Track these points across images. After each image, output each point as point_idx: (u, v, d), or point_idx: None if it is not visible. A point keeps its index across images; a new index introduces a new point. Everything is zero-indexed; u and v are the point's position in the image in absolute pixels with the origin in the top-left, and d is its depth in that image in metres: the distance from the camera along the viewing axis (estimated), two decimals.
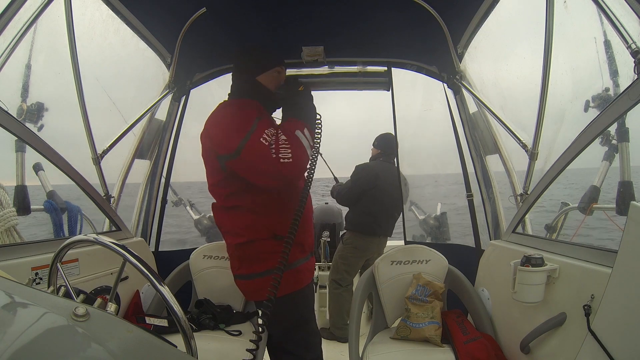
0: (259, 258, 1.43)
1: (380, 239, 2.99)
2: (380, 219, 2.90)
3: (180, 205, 3.12)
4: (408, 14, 1.87)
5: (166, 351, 0.68)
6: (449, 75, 2.25)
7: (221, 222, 1.52)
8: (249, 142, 1.27)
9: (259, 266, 1.43)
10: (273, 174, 1.27)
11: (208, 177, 1.48)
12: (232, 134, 1.31)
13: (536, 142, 1.67)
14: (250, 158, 1.28)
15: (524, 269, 1.38)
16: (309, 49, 2.11)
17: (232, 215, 1.45)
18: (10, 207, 1.74)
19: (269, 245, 1.41)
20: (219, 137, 1.36)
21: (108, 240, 0.88)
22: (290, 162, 1.26)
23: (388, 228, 3.00)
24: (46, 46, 1.78)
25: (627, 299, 1.06)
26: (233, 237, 1.47)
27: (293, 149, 1.28)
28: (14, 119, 1.47)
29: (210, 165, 1.44)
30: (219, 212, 1.50)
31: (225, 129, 1.35)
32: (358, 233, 2.93)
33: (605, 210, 2.08)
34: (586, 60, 1.74)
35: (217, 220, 1.54)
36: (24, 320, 0.57)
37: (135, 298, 1.93)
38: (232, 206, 1.43)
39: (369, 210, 2.87)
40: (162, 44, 2.15)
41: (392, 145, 2.92)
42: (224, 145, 1.32)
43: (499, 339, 1.69)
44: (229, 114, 1.40)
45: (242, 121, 1.33)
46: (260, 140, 1.27)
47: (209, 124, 1.42)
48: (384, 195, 2.86)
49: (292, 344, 1.53)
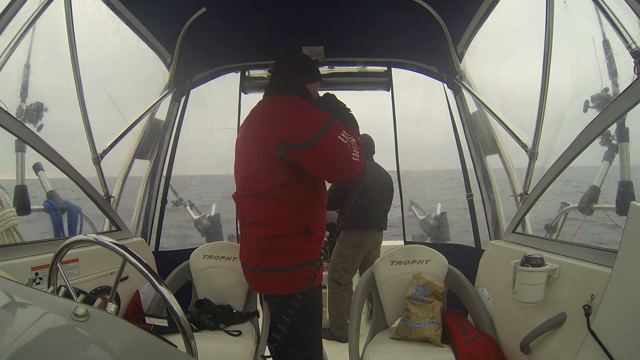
0: (285, 253, 1.46)
1: (375, 232, 3.01)
2: (371, 212, 2.94)
3: (180, 205, 3.12)
4: (408, 14, 1.87)
5: (166, 351, 0.68)
6: (449, 75, 2.25)
7: (250, 212, 1.52)
8: (326, 137, 1.39)
9: (284, 260, 1.46)
10: (346, 170, 1.44)
11: (250, 164, 1.50)
12: (308, 125, 1.41)
13: (536, 142, 1.67)
14: (325, 152, 1.39)
15: (524, 269, 1.38)
16: (309, 49, 2.11)
17: (269, 206, 1.46)
18: (10, 207, 1.74)
19: (299, 240, 1.47)
20: (292, 125, 1.42)
21: (108, 240, 0.88)
22: (358, 161, 1.46)
23: (381, 222, 3.03)
24: (46, 46, 1.78)
25: (627, 299, 1.06)
26: (265, 228, 1.47)
27: (360, 151, 1.49)
28: (14, 119, 1.47)
29: (262, 152, 1.45)
30: (250, 201, 1.50)
31: (301, 119, 1.44)
32: (352, 229, 2.96)
33: (606, 211, 2.08)
34: (586, 61, 1.74)
35: (244, 210, 1.54)
36: (24, 320, 0.57)
37: (135, 298, 1.93)
38: (273, 196, 1.45)
39: (359, 206, 2.91)
40: (162, 44, 2.15)
41: (370, 144, 3.10)
42: (297, 134, 1.40)
43: (499, 339, 1.69)
44: (305, 107, 1.48)
45: (319, 117, 1.44)
46: (339, 138, 1.41)
47: (277, 112, 1.48)
48: (370, 189, 2.91)
49: (297, 339, 1.53)
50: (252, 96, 2.48)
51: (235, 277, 1.93)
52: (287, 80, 1.61)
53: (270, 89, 1.65)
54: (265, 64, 2.43)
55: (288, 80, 1.61)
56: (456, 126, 2.31)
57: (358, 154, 1.47)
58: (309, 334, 1.57)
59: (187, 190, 3.27)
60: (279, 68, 1.67)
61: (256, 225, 1.49)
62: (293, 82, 1.60)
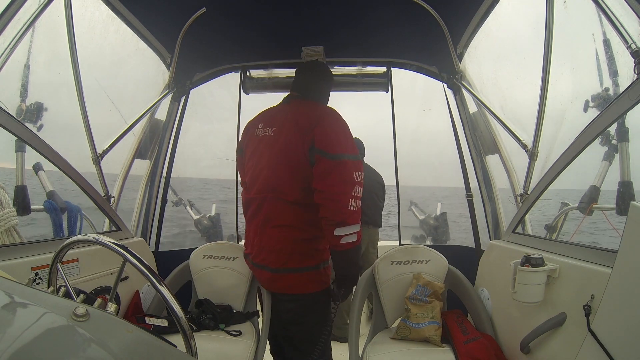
0: (309, 254, 1.52)
1: (370, 229, 3.02)
2: (364, 208, 2.93)
3: (180, 205, 3.12)
4: (408, 14, 1.87)
5: (166, 351, 0.68)
6: (449, 75, 2.25)
7: (279, 215, 1.52)
8: (349, 162, 1.40)
9: (310, 260, 1.53)
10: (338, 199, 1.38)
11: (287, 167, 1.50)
12: (342, 142, 1.44)
13: (536, 142, 1.67)
14: (337, 170, 1.39)
15: (524, 269, 1.38)
16: (309, 49, 2.11)
17: (302, 211, 1.49)
18: (10, 207, 1.74)
19: (321, 242, 1.54)
20: (329, 133, 1.45)
21: (108, 240, 0.88)
22: (353, 210, 1.40)
23: (376, 218, 3.05)
24: (46, 46, 1.78)
25: (627, 299, 1.06)
26: (295, 232, 1.50)
27: (357, 210, 1.42)
28: (14, 119, 1.47)
29: (301, 156, 1.46)
30: (282, 205, 1.50)
31: (340, 133, 1.47)
32: None
33: (605, 211, 2.08)
34: (586, 60, 1.74)
35: (270, 211, 1.53)
36: (24, 320, 0.57)
37: (135, 298, 1.93)
38: (308, 203, 1.46)
39: None
40: (162, 44, 2.15)
41: (359, 147, 3.12)
42: (327, 143, 1.42)
43: (499, 339, 1.69)
44: (347, 128, 1.51)
45: (353, 144, 1.49)
46: (354, 173, 1.41)
47: (327, 120, 1.48)
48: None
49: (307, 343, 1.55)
50: (252, 96, 2.48)
51: (235, 277, 1.93)
52: (320, 88, 1.72)
53: (305, 91, 1.68)
54: (265, 64, 2.43)
55: (321, 88, 1.72)
56: (456, 126, 2.31)
57: (356, 204, 1.41)
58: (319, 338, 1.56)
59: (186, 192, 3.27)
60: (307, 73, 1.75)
61: (286, 228, 1.51)
62: (323, 90, 1.73)
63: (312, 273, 1.53)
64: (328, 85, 1.78)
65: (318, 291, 1.55)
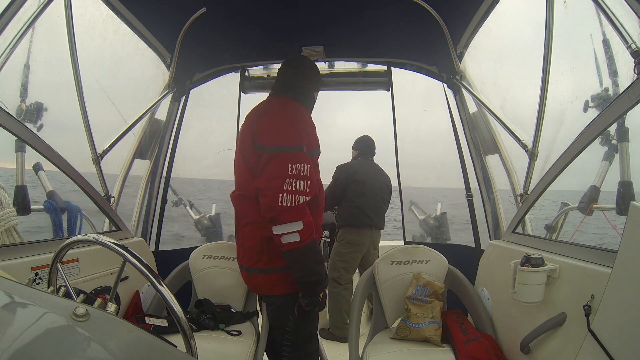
0: (278, 254, 1.41)
1: (373, 231, 3.02)
2: (368, 210, 2.97)
3: (180, 205, 3.12)
4: (408, 14, 1.87)
5: (166, 351, 0.68)
6: (449, 75, 2.25)
7: (247, 213, 1.49)
8: (281, 154, 1.32)
9: (278, 262, 1.43)
10: (267, 201, 1.31)
11: (245, 163, 1.47)
12: (277, 132, 1.36)
13: (536, 142, 1.67)
14: (268, 165, 1.33)
15: (524, 269, 1.38)
16: (309, 49, 2.11)
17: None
18: (10, 207, 1.74)
19: None
20: (265, 126, 1.40)
21: (108, 240, 0.88)
22: (287, 206, 1.29)
23: (378, 220, 3.05)
24: (46, 46, 1.78)
25: (627, 299, 1.06)
26: (262, 229, 1.42)
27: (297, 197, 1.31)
28: (14, 119, 1.46)
29: (254, 152, 1.43)
30: (247, 202, 1.47)
31: (276, 123, 1.39)
32: (349, 227, 2.98)
33: (604, 211, 2.08)
34: (586, 60, 1.74)
35: (240, 210, 1.52)
36: (24, 320, 0.57)
37: (135, 298, 1.93)
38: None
39: (355, 204, 2.95)
40: (162, 44, 2.15)
41: (368, 145, 3.18)
42: (264, 135, 1.37)
43: (499, 339, 1.69)
44: (288, 115, 1.43)
45: (294, 133, 1.38)
46: (289, 166, 1.31)
47: (262, 113, 1.45)
48: (366, 187, 2.97)
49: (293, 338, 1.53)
50: (252, 96, 2.48)
51: (235, 277, 1.93)
52: (285, 80, 1.61)
53: (271, 89, 1.65)
54: (265, 64, 2.43)
55: (285, 80, 1.61)
56: (456, 126, 2.31)
57: (291, 199, 1.29)
58: (306, 332, 1.56)
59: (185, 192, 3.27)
60: (281, 69, 1.66)
61: (254, 225, 1.47)
62: (291, 83, 1.59)
63: (281, 274, 1.45)
64: (309, 81, 1.63)
65: (288, 293, 1.45)
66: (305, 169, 1.33)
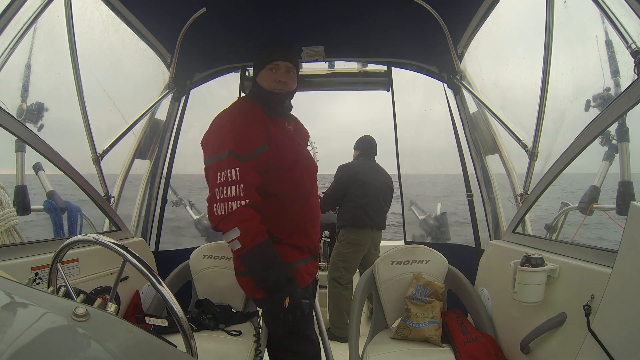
0: None
1: (374, 231, 3.02)
2: (369, 211, 2.96)
3: (180, 205, 3.12)
4: (408, 14, 1.87)
5: (166, 351, 0.68)
6: (449, 75, 2.25)
7: None
8: (213, 164, 1.32)
9: None
10: (209, 208, 1.30)
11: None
12: (206, 145, 1.38)
13: (536, 142, 1.67)
14: (207, 178, 1.34)
15: (524, 269, 1.38)
16: (309, 49, 2.11)
17: None
18: (10, 207, 1.74)
19: None
20: (211, 136, 1.39)
21: (108, 240, 0.88)
22: (221, 215, 1.26)
23: (380, 221, 3.04)
24: (46, 46, 1.78)
25: (627, 299, 1.06)
26: None
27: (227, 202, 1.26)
28: (14, 119, 1.46)
29: None
30: None
31: (207, 138, 1.40)
32: (350, 227, 2.98)
33: (606, 210, 2.08)
34: (586, 60, 1.74)
35: None
36: (24, 320, 0.57)
37: (135, 298, 1.93)
38: None
39: (357, 204, 2.95)
40: (162, 44, 2.15)
41: (370, 145, 3.17)
42: (209, 147, 1.37)
43: (499, 339, 1.69)
44: (214, 127, 1.42)
45: (216, 141, 1.36)
46: (217, 174, 1.29)
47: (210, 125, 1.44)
48: (368, 187, 2.96)
49: (291, 342, 1.52)
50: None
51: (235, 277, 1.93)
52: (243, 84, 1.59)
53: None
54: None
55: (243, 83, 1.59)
56: (456, 126, 2.31)
57: (224, 207, 1.25)
58: (305, 334, 1.54)
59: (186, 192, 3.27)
60: None
61: None
62: (251, 84, 1.56)
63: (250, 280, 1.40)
64: (256, 64, 1.56)
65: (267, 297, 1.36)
66: (233, 173, 1.29)
